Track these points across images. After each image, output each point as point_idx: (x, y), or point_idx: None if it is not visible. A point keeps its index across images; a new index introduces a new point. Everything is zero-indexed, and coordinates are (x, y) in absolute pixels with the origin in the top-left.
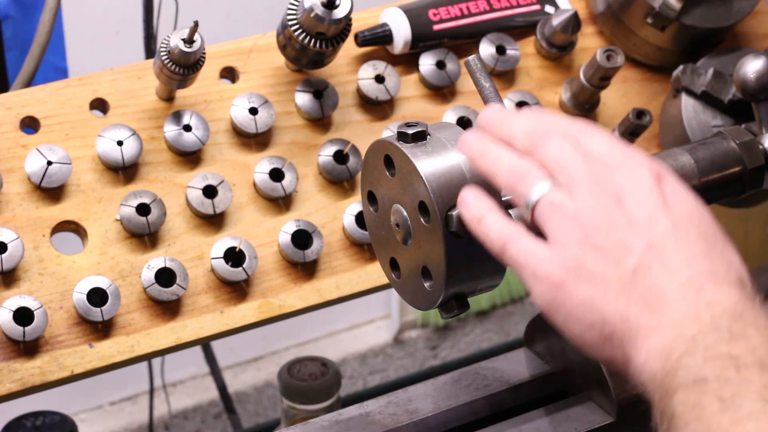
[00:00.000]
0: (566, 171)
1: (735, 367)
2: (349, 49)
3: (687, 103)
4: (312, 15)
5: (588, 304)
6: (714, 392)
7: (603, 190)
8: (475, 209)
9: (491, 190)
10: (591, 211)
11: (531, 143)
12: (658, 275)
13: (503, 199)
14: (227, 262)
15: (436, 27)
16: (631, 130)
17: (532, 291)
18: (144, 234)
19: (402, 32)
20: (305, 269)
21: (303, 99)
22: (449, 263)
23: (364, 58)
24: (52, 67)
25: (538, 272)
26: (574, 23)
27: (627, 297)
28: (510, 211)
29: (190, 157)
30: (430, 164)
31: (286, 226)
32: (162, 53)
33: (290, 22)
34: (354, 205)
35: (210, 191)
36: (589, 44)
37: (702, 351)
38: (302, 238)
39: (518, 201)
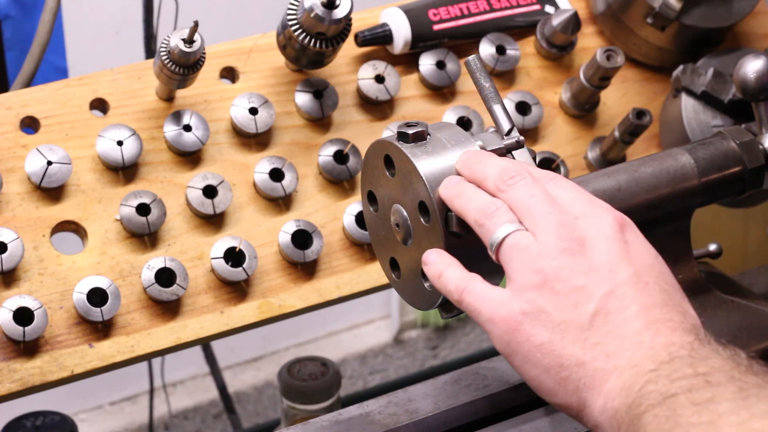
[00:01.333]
0: (532, 214)
1: (705, 381)
2: (349, 49)
3: (687, 103)
4: (312, 15)
5: (545, 347)
6: (687, 400)
7: (567, 235)
8: (436, 267)
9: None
10: (553, 255)
11: (501, 183)
12: (616, 321)
13: None
14: (227, 262)
15: (436, 27)
16: (631, 130)
17: (490, 335)
18: (144, 234)
19: (402, 32)
20: (305, 269)
21: (303, 99)
22: None
23: (364, 58)
24: (52, 67)
25: (495, 316)
26: (574, 23)
27: (583, 342)
28: None
29: (190, 157)
30: (430, 164)
31: (286, 226)
32: (162, 53)
33: (290, 22)
34: (354, 205)
35: (210, 191)
36: (589, 44)
37: (665, 376)
38: (302, 238)
39: (485, 240)
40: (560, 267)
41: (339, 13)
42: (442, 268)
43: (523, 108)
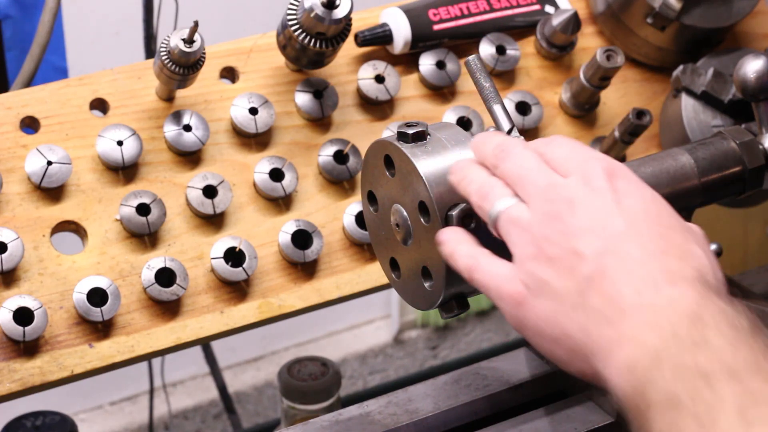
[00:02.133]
0: (523, 184)
1: (705, 382)
2: (349, 49)
3: (687, 103)
4: (312, 15)
5: (550, 318)
6: (688, 411)
7: (556, 198)
8: (448, 246)
9: None
10: (543, 222)
11: (495, 159)
12: (614, 280)
13: None
14: (227, 262)
15: (436, 27)
16: (631, 130)
17: (502, 310)
18: (144, 234)
19: (402, 32)
20: (305, 269)
21: (303, 99)
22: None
23: (364, 58)
24: (52, 67)
25: (502, 291)
26: (574, 23)
27: (584, 308)
28: None
29: (190, 157)
30: (430, 164)
31: (286, 226)
32: (162, 53)
33: (290, 22)
34: (354, 205)
35: (210, 191)
36: (589, 44)
37: (667, 365)
38: (302, 238)
39: (484, 218)
40: (551, 232)
41: (339, 13)
42: (453, 246)
43: (523, 108)
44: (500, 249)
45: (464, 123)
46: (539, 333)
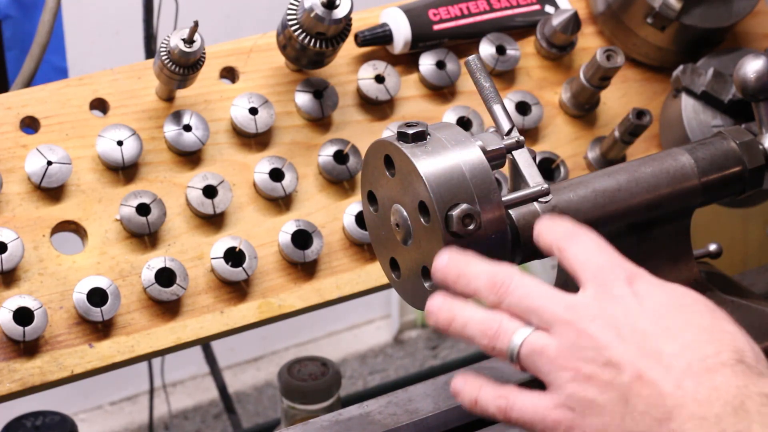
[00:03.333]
0: (536, 313)
1: None
2: (349, 49)
3: (687, 103)
4: (312, 15)
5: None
6: None
7: (578, 319)
8: (467, 395)
9: None
10: (572, 344)
11: (496, 296)
12: (653, 380)
13: (505, 199)
14: (227, 262)
15: (436, 27)
16: (631, 130)
17: None
18: (144, 234)
19: (402, 32)
20: (305, 269)
21: (303, 99)
22: None
23: (364, 58)
24: (52, 67)
25: (547, 422)
26: (574, 23)
27: (632, 416)
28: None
29: (190, 157)
30: (430, 164)
31: (286, 226)
32: (162, 53)
33: (290, 22)
34: (354, 205)
35: (210, 191)
36: (589, 44)
37: None
38: (302, 238)
39: (501, 358)
40: (583, 352)
41: (339, 13)
42: (474, 393)
43: (523, 108)
44: (499, 250)
45: (464, 123)
46: None
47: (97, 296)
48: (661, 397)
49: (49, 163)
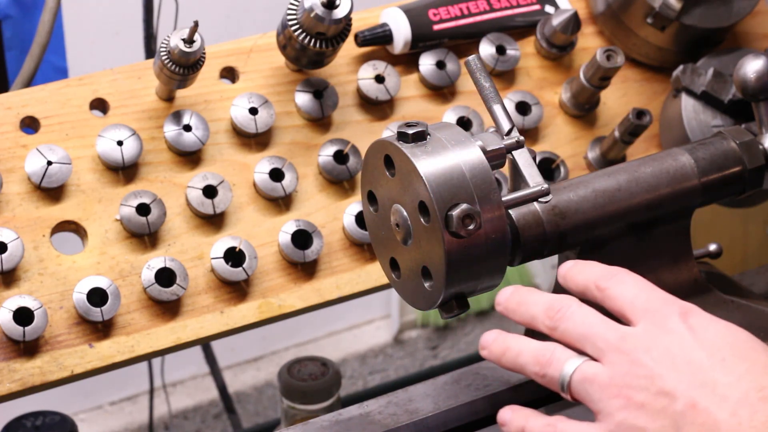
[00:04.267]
0: (590, 340)
1: None
2: (349, 49)
3: (687, 103)
4: (312, 15)
5: None
6: None
7: (632, 348)
8: (515, 425)
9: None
10: (625, 372)
11: (551, 321)
12: (708, 410)
13: (505, 199)
14: (227, 262)
15: (436, 27)
16: (631, 130)
17: None
18: (144, 234)
19: (402, 32)
20: (305, 269)
21: (303, 99)
22: (449, 263)
23: (364, 58)
24: (52, 67)
25: None
26: (574, 23)
27: None
28: None
29: (190, 157)
30: (430, 164)
31: (286, 226)
32: (162, 53)
33: (290, 22)
34: (354, 205)
35: (210, 191)
36: (589, 44)
37: None
38: (302, 238)
39: (553, 387)
40: (635, 380)
41: (339, 13)
42: (522, 422)
43: (523, 108)
44: (499, 250)
45: (464, 123)
46: None
47: (97, 296)
48: (715, 425)
49: (49, 163)
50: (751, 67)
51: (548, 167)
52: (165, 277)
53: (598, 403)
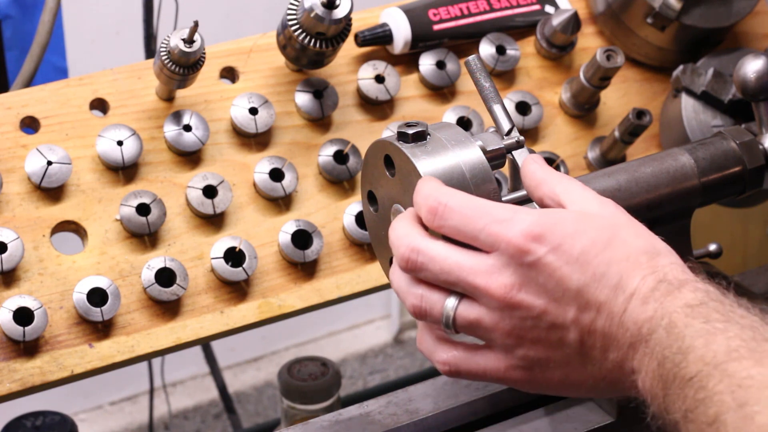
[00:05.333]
0: (452, 281)
1: (713, 367)
2: (349, 49)
3: (687, 103)
4: (312, 15)
5: (567, 381)
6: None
7: (504, 285)
8: (425, 351)
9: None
10: (505, 316)
11: (414, 270)
12: (601, 326)
13: (505, 199)
14: (227, 262)
15: (436, 27)
16: (631, 130)
17: (511, 386)
18: (144, 234)
19: (402, 32)
20: (305, 269)
21: (303, 99)
22: None
23: (364, 58)
24: (52, 67)
25: (505, 380)
26: (574, 23)
27: (592, 362)
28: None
29: (190, 157)
30: (430, 164)
31: (286, 226)
32: (162, 53)
33: (290, 22)
34: (354, 205)
35: (210, 191)
36: (589, 44)
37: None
38: (302, 238)
39: (438, 328)
40: (520, 321)
41: (339, 13)
42: (427, 352)
43: (523, 108)
44: None
45: (464, 123)
46: (561, 391)
47: (97, 296)
48: (615, 339)
49: (49, 163)
50: (751, 67)
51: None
52: (165, 277)
53: (491, 341)
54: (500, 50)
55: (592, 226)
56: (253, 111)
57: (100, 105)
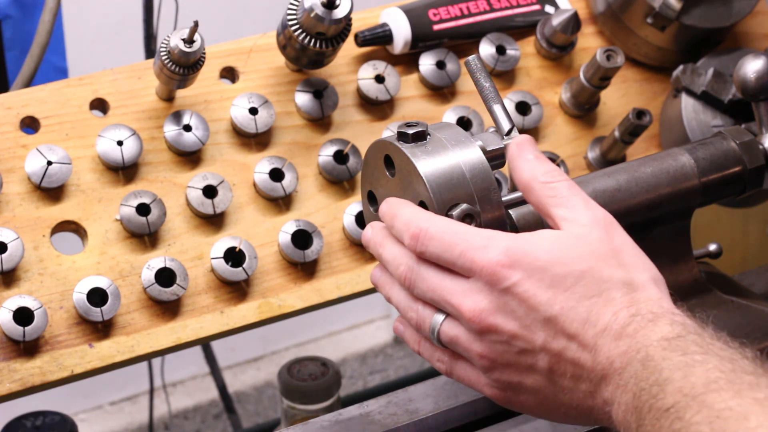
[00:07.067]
0: (441, 304)
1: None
2: (349, 49)
3: (687, 103)
4: (312, 15)
5: (539, 407)
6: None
7: (478, 309)
8: (411, 345)
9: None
10: (481, 339)
11: (408, 287)
12: (571, 356)
13: (505, 199)
14: (227, 262)
15: (436, 27)
16: (631, 130)
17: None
18: (144, 234)
19: (402, 32)
20: (305, 269)
21: (303, 99)
22: None
23: (364, 58)
24: (52, 67)
25: (484, 392)
26: (574, 23)
27: (563, 391)
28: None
29: (190, 157)
30: (430, 164)
31: (286, 226)
32: (162, 53)
33: (290, 22)
34: (354, 205)
35: (210, 191)
36: (589, 44)
37: (661, 353)
38: (302, 238)
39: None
40: (494, 345)
41: (339, 13)
42: (413, 346)
43: (523, 108)
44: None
45: (464, 123)
46: (538, 415)
47: (97, 296)
48: (585, 371)
49: (49, 163)
50: (751, 67)
51: None
52: (165, 277)
53: (471, 359)
54: (500, 50)
55: (569, 256)
56: (253, 111)
57: (100, 105)
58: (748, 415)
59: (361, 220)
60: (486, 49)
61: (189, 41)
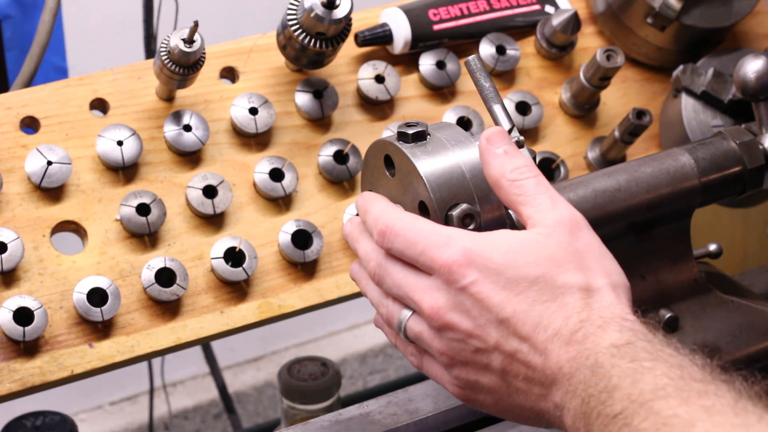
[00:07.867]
0: (405, 300)
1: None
2: (349, 49)
3: (687, 103)
4: (312, 15)
5: (497, 406)
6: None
7: (437, 306)
8: (389, 338)
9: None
10: (440, 336)
11: (376, 281)
12: (523, 358)
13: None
14: (227, 262)
15: (436, 27)
16: (631, 130)
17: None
18: (144, 234)
19: (402, 32)
20: (305, 269)
21: (303, 99)
22: None
23: (364, 58)
24: (52, 67)
25: (448, 389)
26: (574, 23)
27: (518, 392)
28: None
29: (190, 157)
30: (430, 164)
31: (286, 226)
32: (162, 53)
33: (290, 22)
34: (354, 205)
35: (210, 191)
36: (589, 44)
37: (609, 359)
38: (302, 238)
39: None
40: (451, 343)
41: (339, 13)
42: (392, 338)
43: (523, 108)
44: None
45: (464, 123)
46: (498, 415)
47: (97, 296)
48: (536, 372)
49: (49, 163)
50: (751, 67)
51: (548, 167)
52: (165, 277)
53: (434, 355)
54: (500, 50)
55: (524, 260)
56: (253, 111)
57: (100, 105)
58: (695, 422)
59: None
60: (486, 49)
61: (189, 41)
